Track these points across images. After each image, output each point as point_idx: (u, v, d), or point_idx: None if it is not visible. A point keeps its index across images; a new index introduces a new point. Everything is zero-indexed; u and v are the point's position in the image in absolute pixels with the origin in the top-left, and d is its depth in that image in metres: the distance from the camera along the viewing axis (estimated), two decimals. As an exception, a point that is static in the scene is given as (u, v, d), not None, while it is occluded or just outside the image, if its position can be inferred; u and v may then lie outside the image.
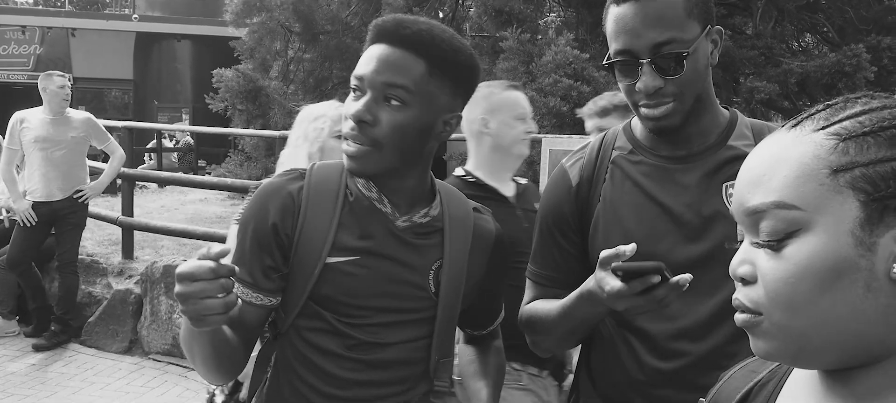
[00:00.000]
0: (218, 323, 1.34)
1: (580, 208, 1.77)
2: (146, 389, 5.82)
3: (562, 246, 1.80)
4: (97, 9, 28.77)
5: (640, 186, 1.69)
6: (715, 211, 1.62)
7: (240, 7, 11.72)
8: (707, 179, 1.64)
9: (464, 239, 1.64)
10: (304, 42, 11.81)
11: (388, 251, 1.55)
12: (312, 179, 1.57)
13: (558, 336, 1.77)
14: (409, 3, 10.40)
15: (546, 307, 1.76)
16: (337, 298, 1.52)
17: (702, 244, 1.61)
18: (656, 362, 1.65)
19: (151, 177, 11.82)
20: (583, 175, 1.78)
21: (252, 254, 1.52)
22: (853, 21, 9.99)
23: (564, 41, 8.34)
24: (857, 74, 8.56)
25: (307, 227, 1.52)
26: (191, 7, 21.59)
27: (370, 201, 1.56)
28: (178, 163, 18.02)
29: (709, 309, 1.60)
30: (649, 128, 1.64)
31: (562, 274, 1.80)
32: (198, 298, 1.28)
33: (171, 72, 21.76)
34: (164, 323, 6.49)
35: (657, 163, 1.69)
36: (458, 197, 1.72)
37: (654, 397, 1.65)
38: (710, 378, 1.60)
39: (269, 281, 1.53)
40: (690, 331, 1.62)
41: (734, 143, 1.68)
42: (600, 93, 8.26)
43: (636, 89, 1.58)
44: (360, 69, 1.48)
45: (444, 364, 1.63)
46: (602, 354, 1.77)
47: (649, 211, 1.66)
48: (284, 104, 11.18)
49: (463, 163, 2.92)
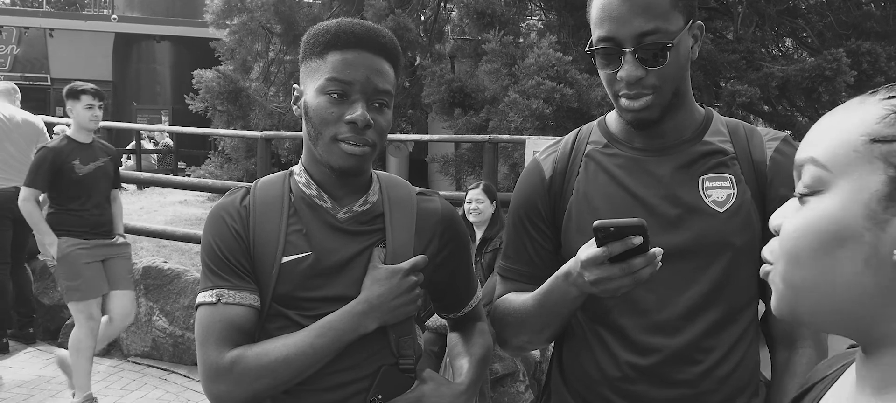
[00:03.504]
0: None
1: (553, 200, 1.76)
2: (125, 392, 5.76)
3: (534, 239, 1.78)
4: (75, 9, 28.57)
5: (614, 178, 1.68)
6: (691, 203, 1.61)
7: (220, 8, 11.68)
8: (682, 171, 1.64)
9: (407, 219, 1.69)
10: (285, 43, 11.79)
11: (333, 244, 1.60)
12: (257, 189, 1.66)
13: (532, 329, 1.73)
14: (392, 6, 10.39)
15: (520, 299, 1.73)
16: (295, 295, 1.57)
17: (677, 235, 1.60)
18: (631, 357, 1.63)
19: (131, 178, 11.72)
20: (556, 167, 1.77)
21: (226, 262, 1.57)
22: (833, 26, 10.08)
23: (547, 43, 8.36)
24: (837, 78, 8.63)
25: (259, 231, 1.59)
26: (170, 8, 21.50)
27: (311, 198, 1.63)
28: (158, 165, 17.91)
29: (684, 302, 1.59)
30: (628, 120, 1.63)
31: (534, 269, 1.79)
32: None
33: (150, 74, 21.63)
34: (143, 326, 6.43)
35: (631, 155, 1.68)
36: (399, 182, 1.77)
37: (630, 393, 1.64)
38: (687, 372, 1.60)
39: (248, 282, 1.57)
40: (665, 325, 1.61)
41: (710, 139, 1.67)
42: (583, 96, 8.32)
43: (618, 78, 1.56)
44: (348, 75, 1.54)
45: (406, 342, 1.65)
46: (574, 351, 1.75)
47: (623, 201, 1.65)
48: (265, 105, 11.16)
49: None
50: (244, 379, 1.49)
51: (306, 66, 1.60)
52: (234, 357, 1.50)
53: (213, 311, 1.54)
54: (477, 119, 9.06)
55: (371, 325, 1.56)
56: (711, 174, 1.63)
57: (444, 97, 9.37)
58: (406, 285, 1.58)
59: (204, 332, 1.53)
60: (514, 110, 7.98)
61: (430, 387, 1.64)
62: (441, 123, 10.57)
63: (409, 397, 1.61)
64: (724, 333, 1.62)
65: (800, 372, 1.62)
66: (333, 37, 1.56)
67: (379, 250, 1.62)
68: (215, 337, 1.52)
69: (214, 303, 1.54)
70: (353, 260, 1.61)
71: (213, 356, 1.51)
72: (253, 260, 1.58)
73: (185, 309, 6.30)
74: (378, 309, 1.56)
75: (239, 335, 1.53)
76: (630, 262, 1.37)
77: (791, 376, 1.63)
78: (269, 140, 8.61)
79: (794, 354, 1.64)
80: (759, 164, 1.64)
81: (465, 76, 9.70)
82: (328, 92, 1.54)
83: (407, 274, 1.59)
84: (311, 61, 1.58)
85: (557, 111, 8.04)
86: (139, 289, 6.42)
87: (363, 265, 1.61)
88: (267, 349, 1.51)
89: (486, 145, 7.03)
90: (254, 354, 1.50)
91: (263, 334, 1.57)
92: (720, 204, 1.60)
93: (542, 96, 7.89)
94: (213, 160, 12.01)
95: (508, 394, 4.95)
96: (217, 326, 1.52)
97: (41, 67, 21.71)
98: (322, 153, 1.57)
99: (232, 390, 1.50)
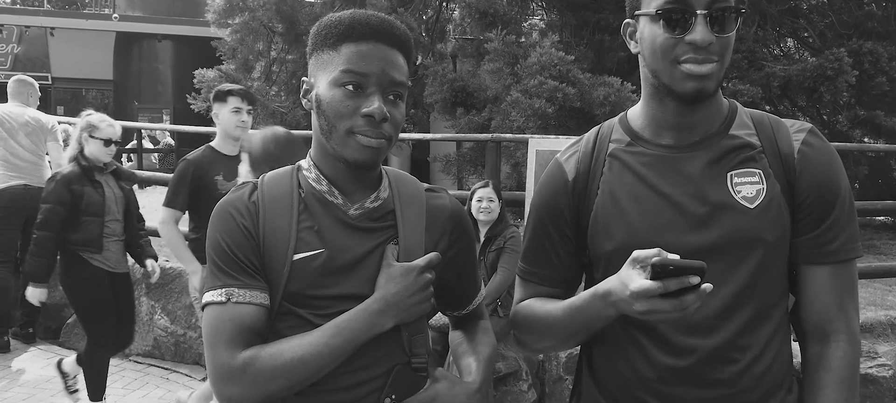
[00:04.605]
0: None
1: (577, 202, 1.72)
2: (127, 391, 5.75)
3: (556, 242, 1.76)
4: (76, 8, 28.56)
5: (641, 177, 1.65)
6: (720, 200, 1.58)
7: (222, 7, 11.67)
8: (711, 168, 1.61)
9: (417, 216, 1.67)
10: (287, 42, 11.78)
11: (346, 240, 1.58)
12: (265, 185, 1.62)
13: (560, 338, 1.71)
14: (394, 5, 10.39)
15: (546, 307, 1.71)
16: (306, 293, 1.54)
17: (708, 234, 1.58)
18: (668, 358, 1.60)
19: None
20: (579, 168, 1.73)
21: (235, 259, 1.53)
22: (834, 25, 10.07)
23: (549, 43, 8.36)
24: (838, 78, 8.62)
25: (269, 228, 1.56)
26: (172, 7, 21.46)
27: (321, 194, 1.60)
28: (159, 164, 17.90)
29: (719, 300, 1.56)
30: (686, 89, 1.55)
31: (555, 272, 1.77)
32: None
33: (151, 73, 21.58)
34: (144, 325, 6.43)
35: (658, 153, 1.65)
36: (407, 178, 1.75)
37: (667, 395, 1.62)
38: (724, 372, 1.58)
39: (258, 280, 1.54)
40: (701, 325, 1.58)
41: (736, 132, 1.64)
42: (586, 95, 8.31)
43: (686, 41, 1.51)
44: (364, 67, 1.51)
45: (418, 340, 1.63)
46: (606, 354, 1.73)
47: (652, 201, 1.62)
48: (267, 105, 11.14)
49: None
50: (258, 381, 1.46)
51: (318, 58, 1.57)
52: (246, 359, 1.46)
53: (223, 311, 1.50)
54: (479, 118, 9.06)
55: (388, 324, 1.54)
56: (740, 169, 1.61)
57: (446, 96, 9.37)
58: (421, 283, 1.56)
59: (214, 333, 1.49)
60: (517, 109, 7.98)
61: (443, 386, 1.62)
62: (443, 123, 10.56)
63: (422, 396, 1.59)
64: (760, 330, 1.61)
65: (834, 367, 1.60)
66: (348, 28, 1.53)
67: (392, 247, 1.60)
68: (226, 338, 1.48)
69: (224, 303, 1.50)
70: (366, 258, 1.58)
71: (225, 357, 1.47)
72: (263, 257, 1.55)
73: (187, 309, 6.28)
74: (394, 307, 1.54)
75: (250, 335, 1.49)
76: (683, 299, 1.35)
77: (825, 370, 1.61)
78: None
79: (827, 348, 1.62)
80: (787, 158, 1.61)
81: (467, 75, 9.69)
82: (343, 84, 1.51)
83: (422, 271, 1.57)
84: (324, 53, 1.56)
85: (560, 110, 8.03)
86: (141, 289, 6.42)
87: (376, 262, 1.58)
88: (281, 349, 1.48)
89: (488, 144, 7.02)
90: (267, 355, 1.47)
91: (274, 334, 1.54)
92: (750, 201, 1.58)
93: (545, 95, 7.89)
94: (215, 159, 11.99)
95: (511, 393, 4.94)
96: (227, 326, 1.48)
97: (42, 66, 21.68)
98: (336, 146, 1.54)
99: (245, 391, 1.46)
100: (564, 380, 5.07)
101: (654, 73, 1.59)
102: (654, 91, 1.64)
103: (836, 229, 1.60)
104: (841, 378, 1.59)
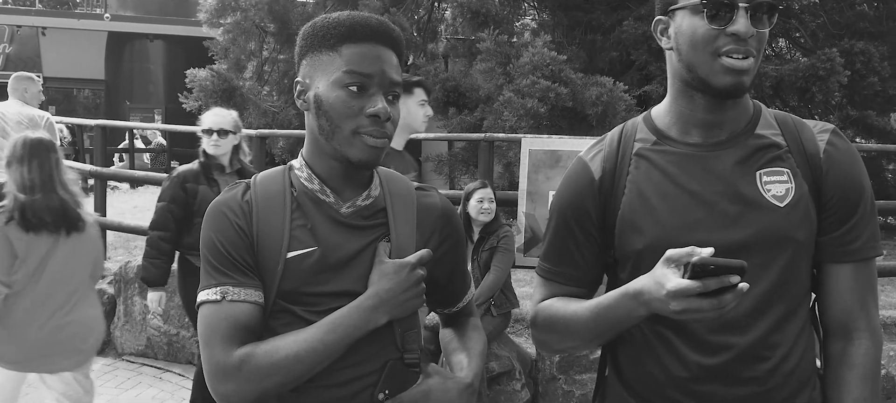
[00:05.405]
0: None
1: (603, 201, 1.71)
2: (120, 391, 5.74)
3: (581, 241, 1.74)
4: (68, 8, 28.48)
5: (670, 175, 1.64)
6: (750, 198, 1.59)
7: (214, 7, 11.65)
8: (740, 166, 1.61)
9: (408, 214, 1.69)
10: (279, 42, 11.78)
11: (338, 238, 1.59)
12: (258, 184, 1.64)
13: (585, 338, 1.70)
14: (386, 4, 10.39)
15: (570, 307, 1.70)
16: (300, 290, 1.56)
17: (739, 232, 1.58)
18: (700, 357, 1.60)
19: (124, 177, 11.70)
20: (606, 167, 1.72)
21: (230, 258, 1.55)
22: (826, 26, 10.11)
23: (541, 43, 8.37)
24: (830, 78, 8.66)
25: (263, 227, 1.57)
26: (163, 7, 21.43)
27: (313, 193, 1.62)
28: (151, 164, 17.86)
29: (751, 298, 1.53)
30: (724, 84, 1.55)
31: (578, 271, 1.76)
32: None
33: (143, 73, 21.55)
34: (137, 324, 6.42)
35: (686, 152, 1.65)
36: (398, 177, 1.77)
37: (699, 393, 1.62)
38: (756, 370, 1.59)
39: (253, 279, 1.55)
40: (734, 323, 1.58)
41: (762, 132, 1.65)
42: (578, 95, 8.32)
43: (728, 33, 1.52)
44: (366, 67, 1.54)
45: (411, 336, 1.65)
46: (634, 353, 1.72)
47: (681, 199, 1.62)
48: (259, 104, 11.14)
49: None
50: (253, 378, 1.47)
51: (315, 59, 1.58)
52: (242, 356, 1.47)
53: (218, 309, 1.51)
54: (471, 118, 9.07)
55: (381, 319, 1.55)
56: (768, 168, 1.61)
57: (438, 96, 9.37)
58: (414, 279, 1.58)
59: (209, 331, 1.51)
60: (509, 109, 7.99)
61: (436, 381, 1.64)
62: (435, 122, 10.57)
63: (415, 391, 1.61)
64: (788, 328, 1.62)
65: (858, 363, 1.62)
66: (348, 29, 1.55)
67: (384, 244, 1.61)
68: (221, 336, 1.49)
69: (219, 301, 1.51)
70: (359, 255, 1.60)
71: (220, 355, 1.48)
72: (257, 256, 1.56)
73: (180, 308, 6.26)
74: (387, 303, 1.55)
75: (245, 333, 1.51)
76: (721, 298, 1.35)
77: (849, 367, 1.62)
78: (264, 138, 8.60)
79: (851, 345, 1.63)
80: (812, 157, 1.62)
81: (459, 75, 9.71)
82: (346, 84, 1.53)
83: (414, 267, 1.58)
84: (322, 54, 1.57)
85: (552, 110, 8.05)
86: (133, 288, 6.41)
87: (368, 260, 1.60)
88: (276, 346, 1.49)
89: (481, 144, 7.03)
90: (263, 352, 1.48)
91: (268, 331, 1.55)
92: (780, 199, 1.59)
93: (537, 95, 7.90)
94: (207, 159, 11.97)
95: (505, 393, 4.95)
96: (223, 324, 1.50)
97: (33, 66, 21.56)
98: (339, 146, 1.55)
99: (241, 389, 1.48)
100: (558, 380, 5.08)
101: (691, 67, 1.59)
102: (684, 87, 1.64)
103: (860, 228, 1.62)
104: (864, 374, 1.62)
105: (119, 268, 6.60)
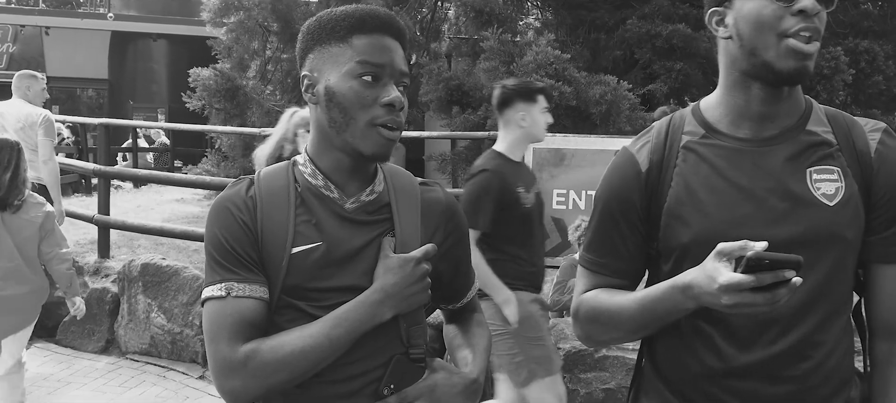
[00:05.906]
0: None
1: (650, 193, 1.70)
2: (123, 389, 5.75)
3: (625, 233, 1.73)
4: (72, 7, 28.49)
5: (718, 169, 1.63)
6: (800, 195, 1.58)
7: (217, 6, 11.64)
8: (790, 163, 1.60)
9: (412, 209, 1.69)
10: (283, 41, 11.77)
11: (343, 233, 1.60)
12: (262, 180, 1.64)
13: (629, 330, 1.70)
14: (389, 3, 10.38)
15: (615, 299, 1.69)
16: (305, 286, 1.56)
17: (787, 228, 1.56)
18: (739, 353, 1.60)
19: (128, 175, 11.71)
20: (653, 159, 1.70)
21: (234, 254, 1.54)
22: (830, 24, 10.07)
23: (545, 41, 8.36)
24: (835, 77, 8.63)
25: (267, 222, 1.57)
26: (167, 6, 21.43)
27: (317, 189, 1.62)
28: (154, 163, 17.88)
29: (797, 297, 1.49)
30: (789, 66, 1.53)
31: (623, 263, 1.75)
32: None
33: (146, 72, 21.57)
34: (141, 323, 6.42)
35: (735, 146, 1.63)
36: (402, 172, 1.77)
37: (737, 389, 1.61)
38: (797, 368, 1.57)
39: (257, 274, 1.55)
40: (779, 320, 1.57)
41: (813, 128, 1.64)
42: (582, 94, 8.31)
43: (795, 10, 1.50)
44: (379, 58, 1.55)
45: (416, 331, 1.65)
46: (672, 346, 1.71)
47: (730, 194, 1.61)
48: (262, 103, 11.13)
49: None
50: (260, 374, 1.47)
51: (323, 52, 1.58)
52: (248, 352, 1.47)
53: (223, 305, 1.51)
54: (475, 117, 9.05)
55: (387, 314, 1.55)
56: (819, 166, 1.60)
57: (441, 95, 9.36)
58: (419, 273, 1.58)
59: (214, 327, 1.50)
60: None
61: (441, 376, 1.64)
62: (438, 121, 10.56)
63: (421, 386, 1.61)
64: (833, 327, 1.61)
65: None
66: (358, 21, 1.56)
67: (389, 239, 1.61)
68: (227, 332, 1.49)
69: (224, 297, 1.51)
70: (364, 250, 1.60)
71: (226, 351, 1.48)
72: (261, 251, 1.56)
73: (184, 306, 6.28)
74: (393, 297, 1.55)
75: (250, 328, 1.50)
76: (775, 292, 1.33)
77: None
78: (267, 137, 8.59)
79: None
80: (863, 156, 1.61)
81: (462, 74, 9.69)
82: (359, 75, 1.54)
83: (419, 262, 1.58)
84: (331, 46, 1.57)
85: (556, 109, 8.02)
86: (137, 286, 6.42)
87: (373, 254, 1.60)
88: (282, 342, 1.49)
89: (485, 142, 7.03)
90: (269, 347, 1.48)
91: (273, 327, 1.55)
92: (830, 197, 1.57)
93: (541, 94, 7.88)
94: (210, 158, 11.97)
95: (508, 391, 4.94)
96: (228, 320, 1.49)
97: (37, 65, 21.54)
98: (351, 139, 1.55)
99: (247, 385, 1.47)
100: (563, 378, 5.06)
101: (755, 51, 1.56)
102: (741, 78, 1.62)
103: None
104: None
105: (122, 267, 6.61)
